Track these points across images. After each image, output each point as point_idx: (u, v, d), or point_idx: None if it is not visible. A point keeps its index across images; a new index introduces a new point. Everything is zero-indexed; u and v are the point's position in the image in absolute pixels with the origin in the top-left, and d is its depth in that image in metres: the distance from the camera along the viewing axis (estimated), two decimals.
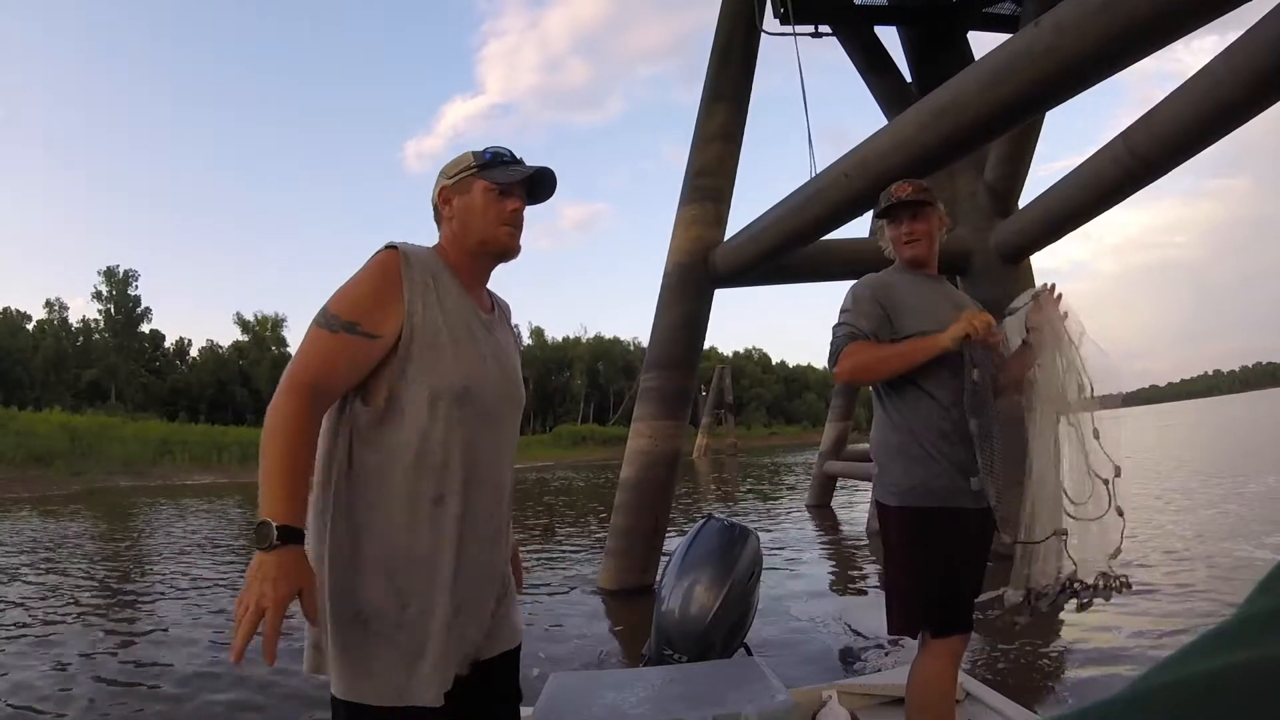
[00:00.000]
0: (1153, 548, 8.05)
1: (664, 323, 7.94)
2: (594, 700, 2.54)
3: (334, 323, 1.60)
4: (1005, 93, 4.66)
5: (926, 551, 2.59)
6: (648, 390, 7.89)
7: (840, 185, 5.56)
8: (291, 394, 1.54)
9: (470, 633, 1.73)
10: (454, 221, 1.83)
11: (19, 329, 70.47)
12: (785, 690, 2.48)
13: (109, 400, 62.57)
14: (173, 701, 4.72)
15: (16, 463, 34.67)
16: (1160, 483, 14.62)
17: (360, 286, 1.66)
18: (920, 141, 4.99)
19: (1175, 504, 11.65)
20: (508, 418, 1.85)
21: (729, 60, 8.34)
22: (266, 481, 1.48)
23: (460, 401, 1.67)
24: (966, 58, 9.18)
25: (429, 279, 1.70)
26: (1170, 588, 6.33)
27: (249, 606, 1.39)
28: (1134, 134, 6.45)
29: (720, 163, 8.11)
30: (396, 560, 1.61)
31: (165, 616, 7.23)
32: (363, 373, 1.63)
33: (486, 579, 1.79)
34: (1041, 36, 4.43)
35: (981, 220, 8.31)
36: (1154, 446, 27.06)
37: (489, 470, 1.75)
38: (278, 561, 1.42)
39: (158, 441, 42.93)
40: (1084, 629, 5.19)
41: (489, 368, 1.76)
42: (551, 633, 6.06)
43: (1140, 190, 6.85)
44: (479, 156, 1.85)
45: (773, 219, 6.63)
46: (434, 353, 1.66)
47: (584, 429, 79.19)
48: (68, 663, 5.58)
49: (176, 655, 5.74)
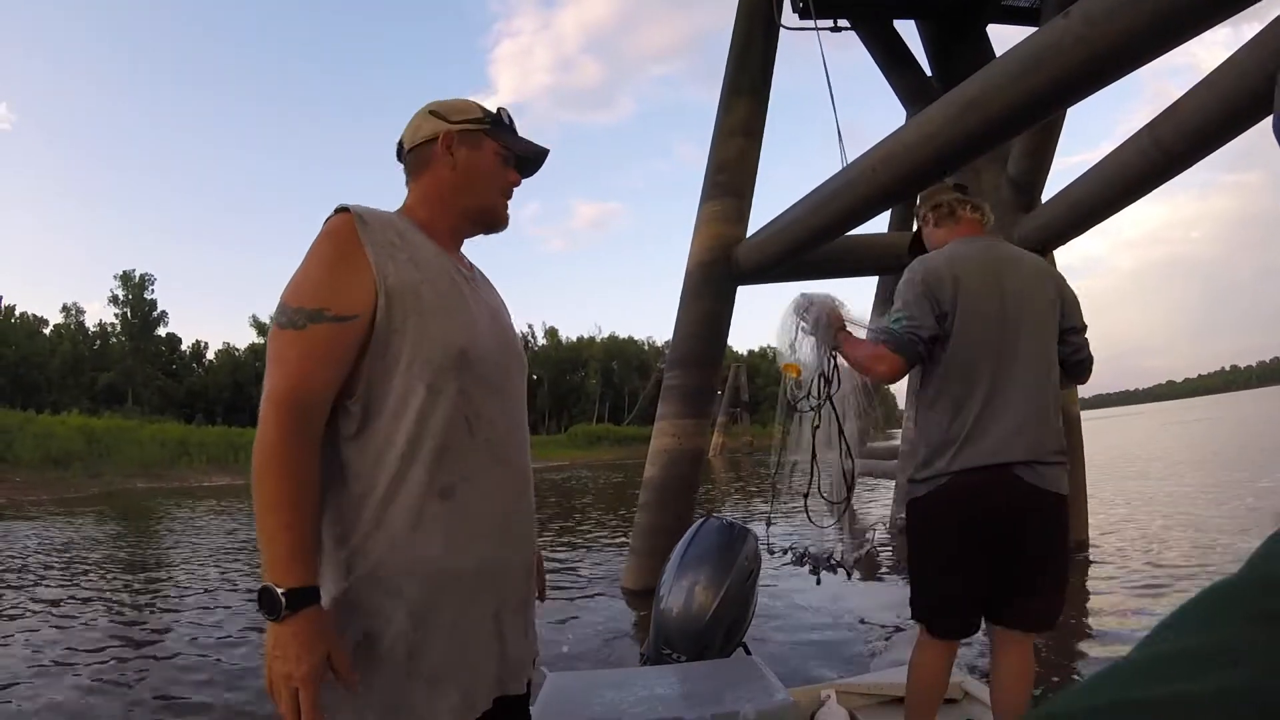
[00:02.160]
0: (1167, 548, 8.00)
1: (686, 320, 7.91)
2: (592, 700, 2.53)
3: (297, 318, 1.36)
4: (1034, 84, 4.62)
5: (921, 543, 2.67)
6: (670, 388, 7.86)
7: (867, 179, 5.51)
8: (273, 421, 1.32)
9: (510, 646, 1.52)
10: (454, 174, 1.60)
11: (36, 333, 71.12)
12: (784, 689, 2.46)
13: (126, 403, 62.90)
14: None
15: (35, 465, 34.80)
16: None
17: (315, 265, 1.41)
18: (949, 134, 4.95)
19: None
20: (514, 383, 1.60)
21: (748, 55, 8.31)
22: (264, 534, 1.29)
23: (459, 369, 1.43)
24: (986, 51, 9.16)
25: (394, 237, 1.45)
26: (1123, 587, 6.31)
27: (280, 690, 1.26)
28: (1160, 126, 6.40)
29: (741, 158, 8.07)
30: (402, 573, 1.38)
31: (198, 620, 7.24)
32: (347, 366, 1.39)
33: (519, 577, 1.56)
34: (1071, 27, 4.39)
35: (1005, 214, 8.21)
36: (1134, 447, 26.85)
37: (502, 448, 1.51)
38: (294, 633, 1.25)
39: (175, 443, 43.06)
40: (1085, 628, 5.15)
41: (484, 326, 1.53)
42: (577, 635, 5.99)
43: (1165, 183, 6.83)
44: (488, 113, 1.66)
45: (797, 214, 6.59)
46: (418, 316, 1.41)
47: (599, 429, 79.13)
48: (102, 671, 5.59)
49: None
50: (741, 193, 8.03)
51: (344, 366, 1.39)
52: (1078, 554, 7.72)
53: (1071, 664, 4.59)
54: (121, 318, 72.27)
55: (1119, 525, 9.57)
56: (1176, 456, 21.87)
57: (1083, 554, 7.79)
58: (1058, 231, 7.87)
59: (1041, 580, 2.51)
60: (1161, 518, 9.98)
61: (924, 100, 8.73)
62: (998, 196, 8.35)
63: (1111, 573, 7.03)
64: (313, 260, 1.42)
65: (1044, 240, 7.96)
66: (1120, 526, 9.47)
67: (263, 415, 1.34)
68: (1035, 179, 8.48)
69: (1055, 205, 7.86)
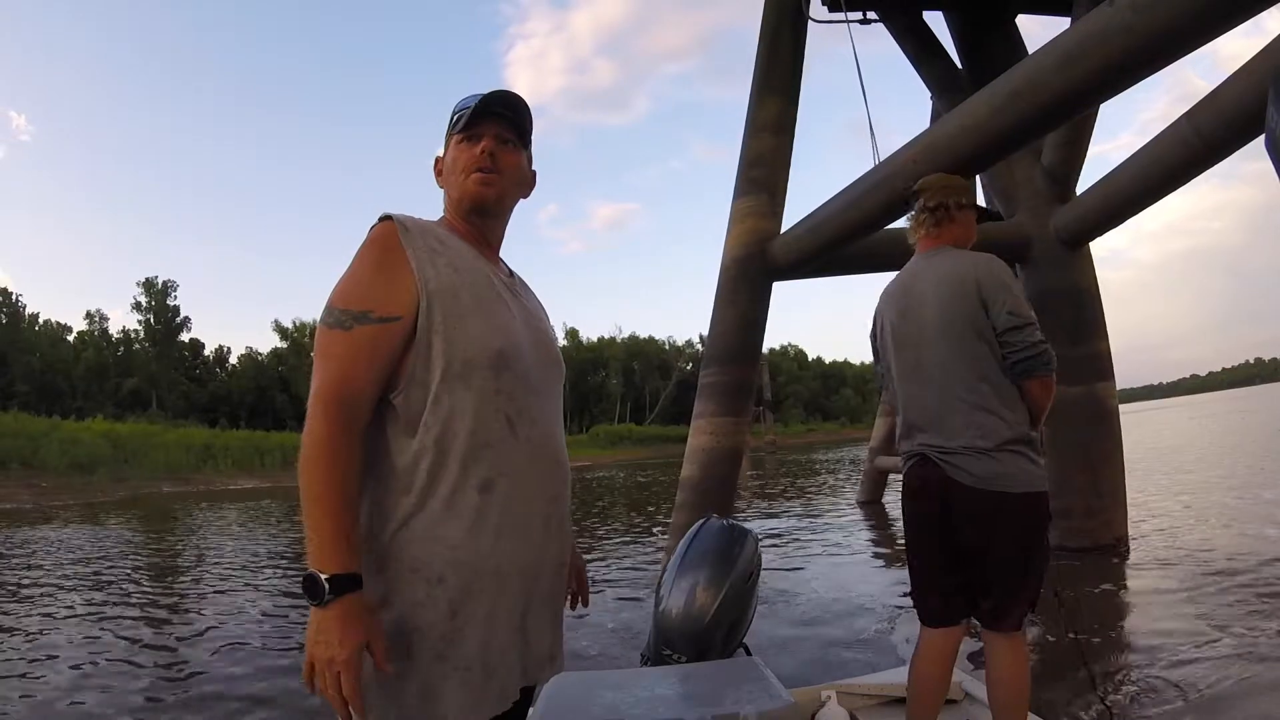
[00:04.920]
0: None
1: (722, 317, 7.88)
2: (592, 700, 2.50)
3: (344, 319, 1.42)
4: (1080, 73, 4.57)
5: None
6: (707, 386, 7.82)
7: (908, 171, 5.46)
8: (320, 416, 1.36)
9: (534, 641, 1.55)
10: (442, 180, 1.69)
11: (60, 340, 71.83)
12: (784, 690, 2.43)
13: (150, 408, 63.48)
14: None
15: (61, 470, 35.26)
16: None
17: (361, 270, 1.47)
18: (993, 125, 4.91)
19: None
20: (552, 384, 1.66)
21: (778, 49, 8.28)
22: (309, 523, 1.33)
23: (497, 368, 1.48)
24: (1016, 42, 9.09)
25: (434, 243, 1.51)
26: (1167, 587, 6.22)
27: (323, 674, 1.29)
28: (1199, 113, 6.34)
29: (773, 153, 8.03)
30: (440, 562, 1.41)
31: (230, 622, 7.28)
32: (391, 365, 1.43)
33: (550, 575, 1.59)
34: (1117, 16, 4.35)
35: (1040, 205, 8.16)
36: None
37: (540, 447, 1.55)
38: (338, 617, 1.29)
39: (200, 448, 43.49)
40: (1086, 630, 5.09)
41: (521, 329, 1.57)
42: (581, 635, 5.91)
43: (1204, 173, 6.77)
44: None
45: (835, 208, 6.55)
46: (458, 319, 1.46)
47: (621, 429, 79.28)
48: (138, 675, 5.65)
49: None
50: (774, 188, 7.98)
51: (388, 365, 1.44)
52: (1114, 552, 7.65)
53: (1108, 665, 4.52)
54: (145, 324, 72.90)
55: (1157, 522, 9.44)
56: (1215, 449, 21.64)
57: (1121, 551, 7.71)
58: (1095, 223, 7.81)
59: (987, 576, 2.60)
60: (1196, 517, 9.82)
61: (955, 92, 8.69)
62: (1032, 187, 8.29)
63: (1150, 571, 6.93)
64: (358, 265, 1.48)
65: (1081, 232, 7.90)
66: (1158, 523, 9.34)
67: (310, 411, 1.38)
68: (1070, 170, 8.40)
69: (1092, 196, 7.79)
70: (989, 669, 2.66)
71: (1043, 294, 7.98)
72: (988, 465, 2.53)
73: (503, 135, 1.65)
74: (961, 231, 2.92)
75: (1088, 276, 8.20)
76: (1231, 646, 4.56)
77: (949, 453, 2.60)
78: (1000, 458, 2.53)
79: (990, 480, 2.53)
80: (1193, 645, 4.67)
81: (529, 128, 1.72)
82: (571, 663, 5.15)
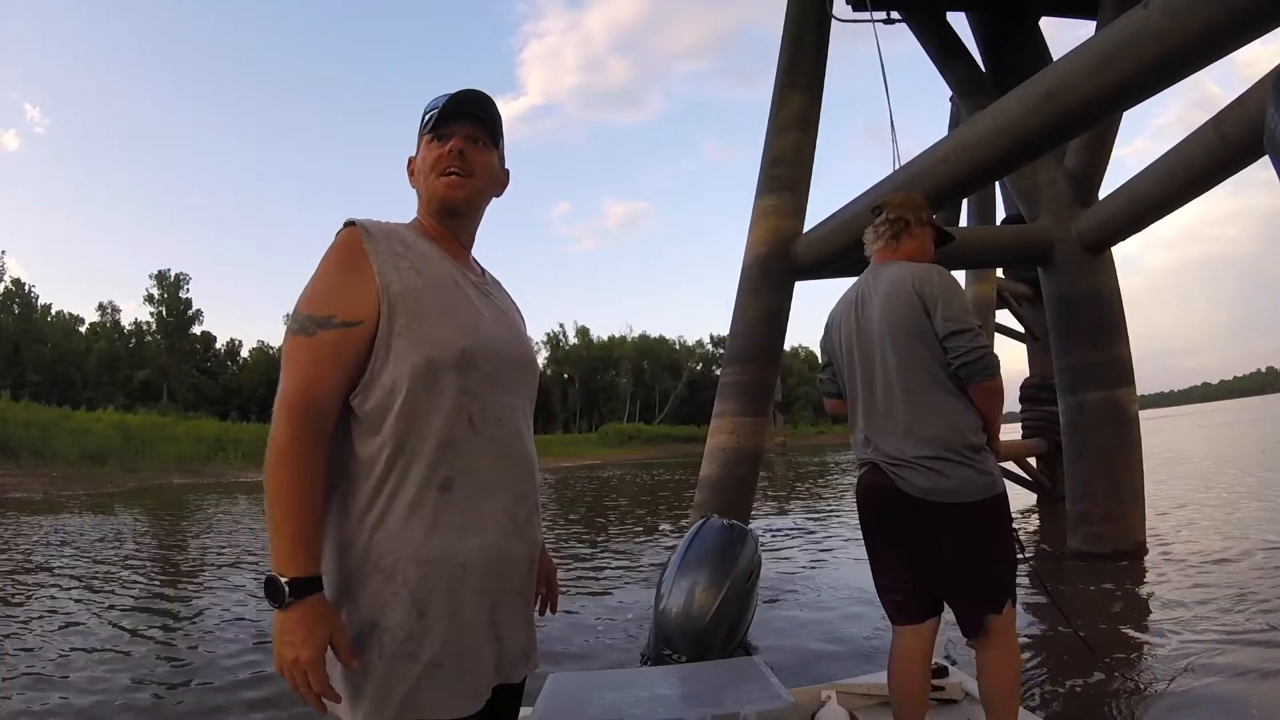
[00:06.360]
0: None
1: (744, 315, 7.87)
2: (592, 700, 2.51)
3: (308, 324, 1.44)
4: (1113, 76, 4.57)
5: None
6: (728, 385, 7.81)
7: (937, 171, 5.46)
8: (284, 421, 1.38)
9: (507, 639, 1.55)
10: (414, 182, 1.71)
11: (72, 331, 72.30)
12: (784, 690, 2.43)
13: (161, 400, 63.76)
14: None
15: (72, 460, 35.43)
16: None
17: (325, 275, 1.49)
18: (1027, 125, 4.89)
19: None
20: (522, 383, 1.66)
21: (802, 47, 8.25)
22: (271, 525, 1.36)
23: (461, 368, 1.49)
24: (1040, 44, 9.08)
25: (398, 247, 1.53)
26: (1178, 592, 6.19)
27: (291, 674, 1.33)
28: (1226, 118, 6.31)
29: (797, 151, 8.01)
30: (405, 561, 1.42)
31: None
32: (354, 368, 1.45)
33: (520, 573, 1.59)
34: (1151, 19, 4.35)
35: (1063, 209, 8.10)
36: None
37: (505, 445, 1.56)
38: (298, 619, 1.32)
39: (211, 440, 43.67)
40: (1087, 629, 5.08)
41: (490, 328, 1.58)
42: (582, 635, 5.89)
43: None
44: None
45: (861, 207, 6.53)
46: (420, 320, 1.47)
47: (630, 428, 79.34)
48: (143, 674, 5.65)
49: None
50: (797, 187, 7.96)
51: (351, 369, 1.46)
52: (1131, 558, 7.60)
53: (1122, 668, 4.51)
54: (157, 316, 73.54)
55: (1175, 529, 9.39)
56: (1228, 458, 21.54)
57: (1139, 558, 7.66)
58: (1118, 227, 7.74)
59: (944, 581, 2.68)
60: (1214, 526, 9.76)
61: (978, 93, 8.67)
62: (1055, 190, 8.25)
63: (1162, 575, 6.88)
64: (322, 271, 1.50)
65: (1103, 236, 7.84)
66: (1177, 530, 9.29)
67: (275, 416, 1.40)
68: (1093, 174, 8.31)
69: (1115, 200, 7.73)
70: (977, 666, 2.72)
71: (1064, 298, 7.96)
72: (932, 477, 2.60)
73: (473, 134, 1.66)
74: (917, 247, 2.98)
75: (1109, 281, 8.13)
76: (1244, 653, 4.53)
77: (899, 463, 2.66)
78: (945, 469, 2.59)
79: (935, 492, 2.59)
80: (1203, 649, 4.66)
81: (499, 126, 1.74)
82: (572, 663, 5.17)
